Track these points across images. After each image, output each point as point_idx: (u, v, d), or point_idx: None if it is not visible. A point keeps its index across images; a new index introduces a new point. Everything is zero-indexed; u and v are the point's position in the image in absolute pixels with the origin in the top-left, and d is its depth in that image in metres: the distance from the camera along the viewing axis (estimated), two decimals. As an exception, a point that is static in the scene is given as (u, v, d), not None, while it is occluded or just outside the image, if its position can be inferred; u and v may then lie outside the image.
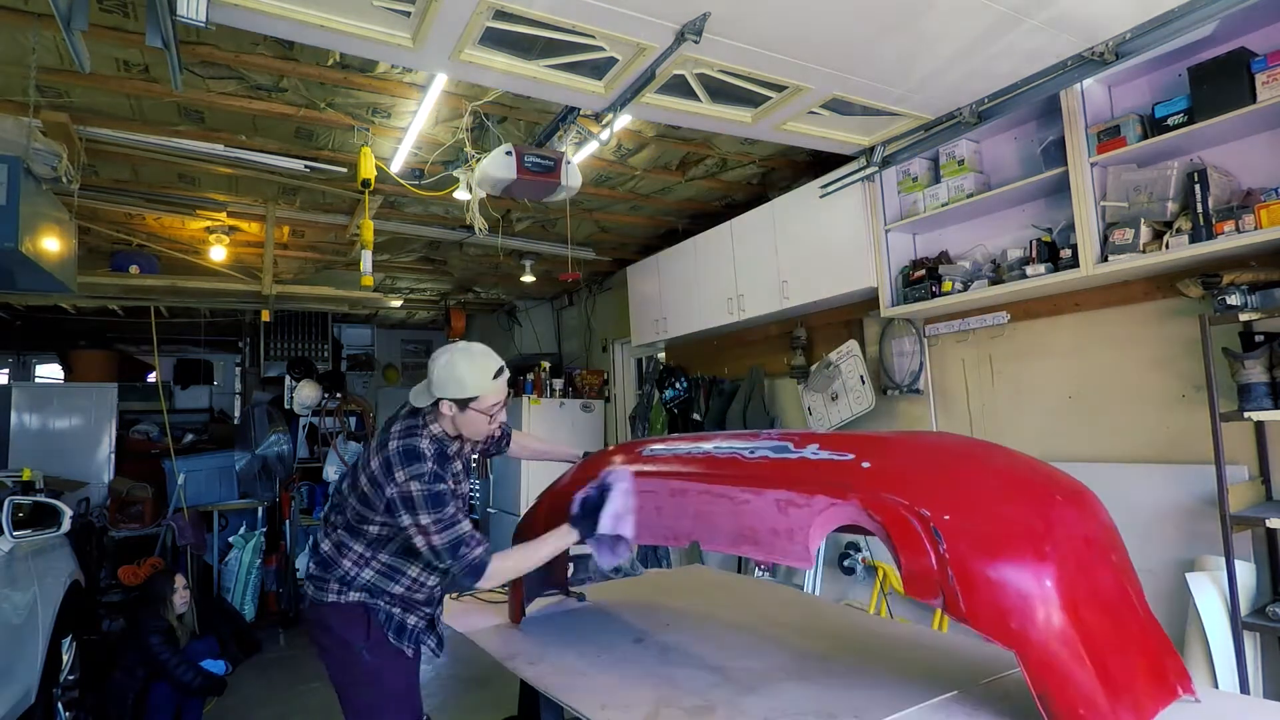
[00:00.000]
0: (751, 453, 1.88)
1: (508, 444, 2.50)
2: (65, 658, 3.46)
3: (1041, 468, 1.71)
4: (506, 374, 2.11)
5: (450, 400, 2.02)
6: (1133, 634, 1.48)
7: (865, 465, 1.64)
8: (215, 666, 3.94)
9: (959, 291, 3.33)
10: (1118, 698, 1.36)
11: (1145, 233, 2.66)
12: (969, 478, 1.62)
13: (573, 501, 2.07)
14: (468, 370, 2.02)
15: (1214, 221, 2.47)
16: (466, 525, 1.98)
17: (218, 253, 5.08)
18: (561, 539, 2.05)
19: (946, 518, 1.45)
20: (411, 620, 2.15)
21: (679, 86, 2.80)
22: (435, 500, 1.94)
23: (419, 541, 1.94)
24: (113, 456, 6.34)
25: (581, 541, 2.05)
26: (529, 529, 2.33)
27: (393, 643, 2.10)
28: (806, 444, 1.80)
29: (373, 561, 2.09)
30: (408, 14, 2.28)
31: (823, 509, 1.59)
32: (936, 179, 3.53)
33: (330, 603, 2.09)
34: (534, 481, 6.11)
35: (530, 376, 7.12)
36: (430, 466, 1.96)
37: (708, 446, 2.04)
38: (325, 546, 2.15)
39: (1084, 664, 1.35)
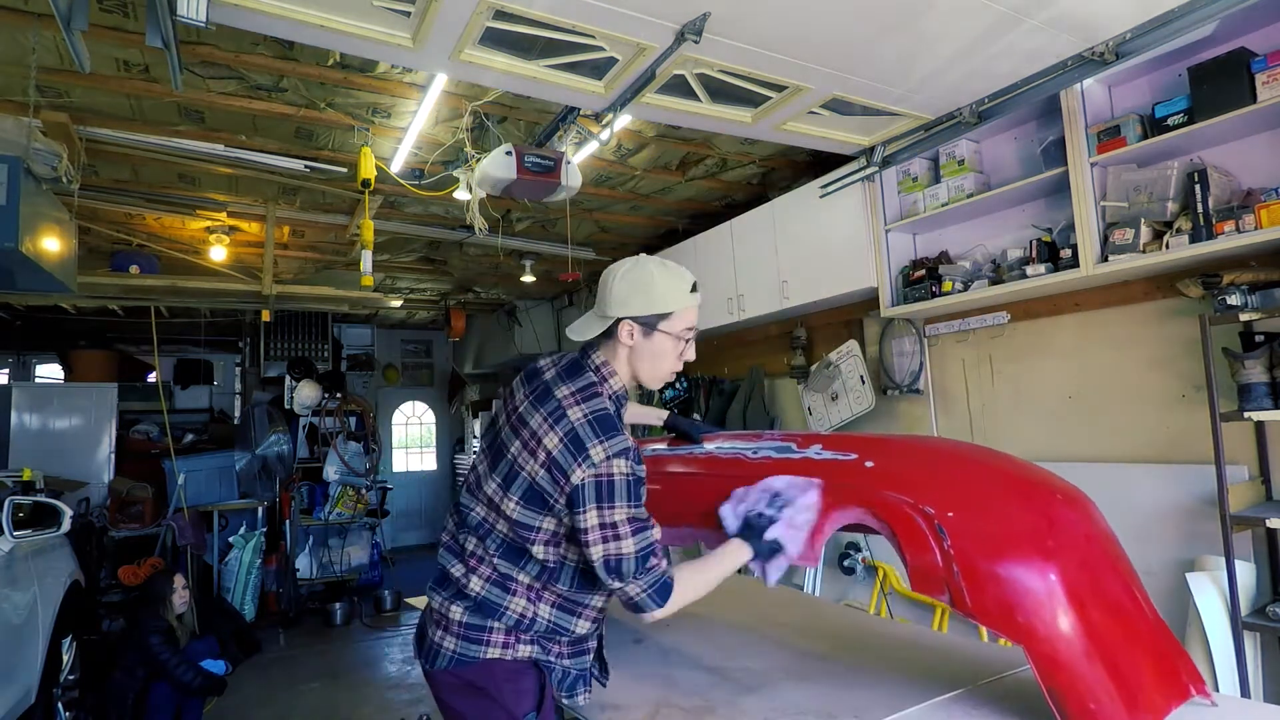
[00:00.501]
0: (755, 453, 1.87)
1: None
2: (65, 658, 3.46)
3: (1041, 472, 1.72)
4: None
5: (633, 320, 1.56)
6: (1141, 632, 1.48)
7: (869, 465, 1.65)
8: (215, 666, 3.94)
9: (959, 291, 3.33)
10: (1128, 693, 1.35)
11: (1145, 233, 2.66)
12: (970, 477, 1.62)
13: (732, 514, 1.67)
14: (661, 276, 1.57)
15: (1214, 221, 2.47)
16: (658, 531, 1.52)
17: (218, 253, 5.08)
18: (735, 558, 1.59)
19: (951, 515, 1.46)
20: (578, 668, 1.66)
21: (679, 86, 2.80)
22: (637, 489, 1.47)
23: (600, 549, 1.43)
24: (113, 456, 6.34)
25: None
26: None
27: (565, 705, 1.66)
28: (810, 444, 1.80)
29: (546, 594, 1.57)
30: (408, 14, 2.28)
31: (828, 508, 1.59)
32: (936, 179, 3.53)
33: (491, 660, 1.53)
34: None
35: (530, 376, 7.12)
36: (632, 441, 1.49)
37: (710, 447, 2.04)
38: (476, 584, 1.56)
39: (1092, 658, 1.35)
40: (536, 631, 1.56)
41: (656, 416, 2.24)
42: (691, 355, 1.66)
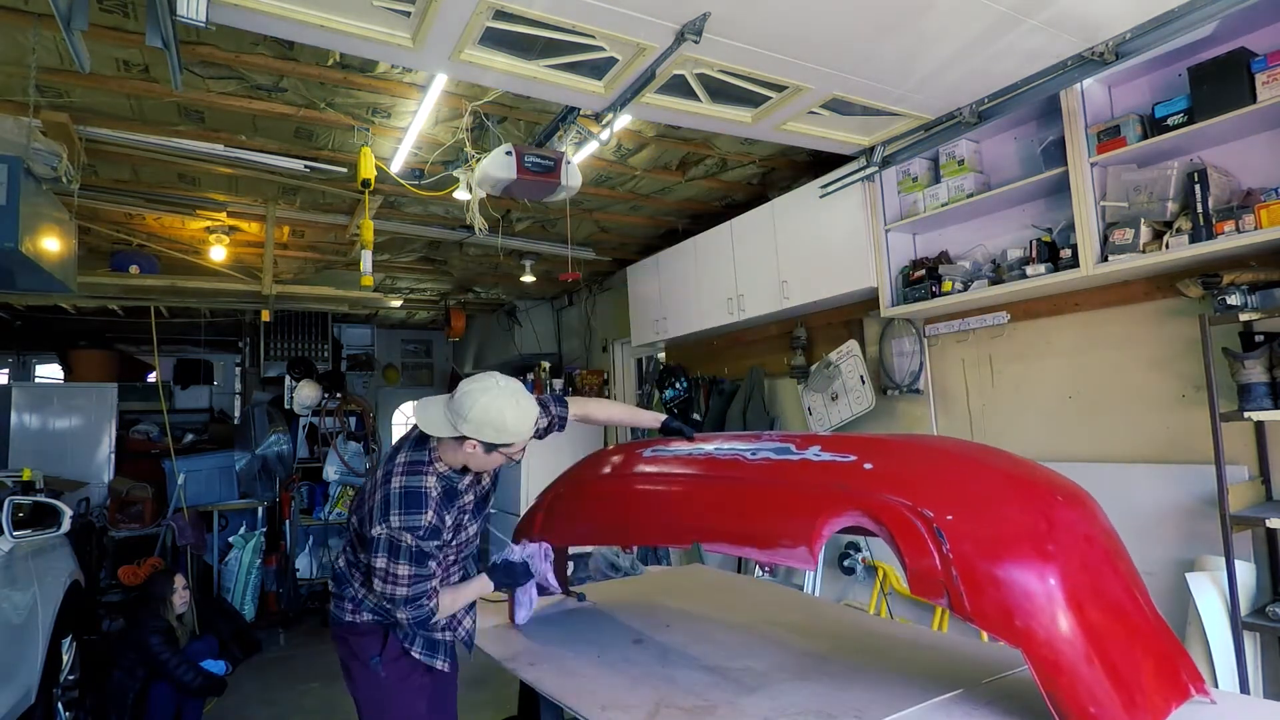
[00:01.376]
0: (753, 454, 1.88)
1: (560, 426, 2.26)
2: (65, 658, 3.46)
3: (1041, 471, 1.71)
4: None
5: (479, 441, 1.89)
6: (1141, 633, 1.48)
7: (868, 467, 1.65)
8: (215, 666, 3.94)
9: (959, 291, 3.33)
10: (1128, 695, 1.36)
11: (1145, 233, 2.66)
12: (970, 479, 1.62)
13: (506, 553, 2.22)
14: (514, 417, 1.89)
15: (1214, 221, 2.47)
16: (435, 579, 1.94)
17: (218, 253, 5.08)
18: (479, 588, 2.11)
19: (949, 518, 1.46)
20: (439, 635, 2.08)
21: (679, 86, 2.80)
22: (419, 558, 1.86)
23: (382, 585, 1.87)
24: (113, 456, 6.34)
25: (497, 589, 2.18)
26: (528, 528, 2.33)
27: (418, 658, 2.04)
28: (809, 446, 1.80)
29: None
30: (408, 14, 2.28)
31: (826, 512, 1.59)
32: (936, 179, 3.53)
33: (347, 622, 2.04)
34: (534, 481, 6.10)
35: (530, 376, 7.13)
36: (429, 519, 1.87)
37: (709, 448, 2.04)
38: (340, 562, 2.10)
39: (1092, 661, 1.35)
40: (369, 608, 2.02)
41: (653, 419, 2.30)
42: (519, 458, 2.03)
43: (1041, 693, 1.36)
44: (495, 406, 1.86)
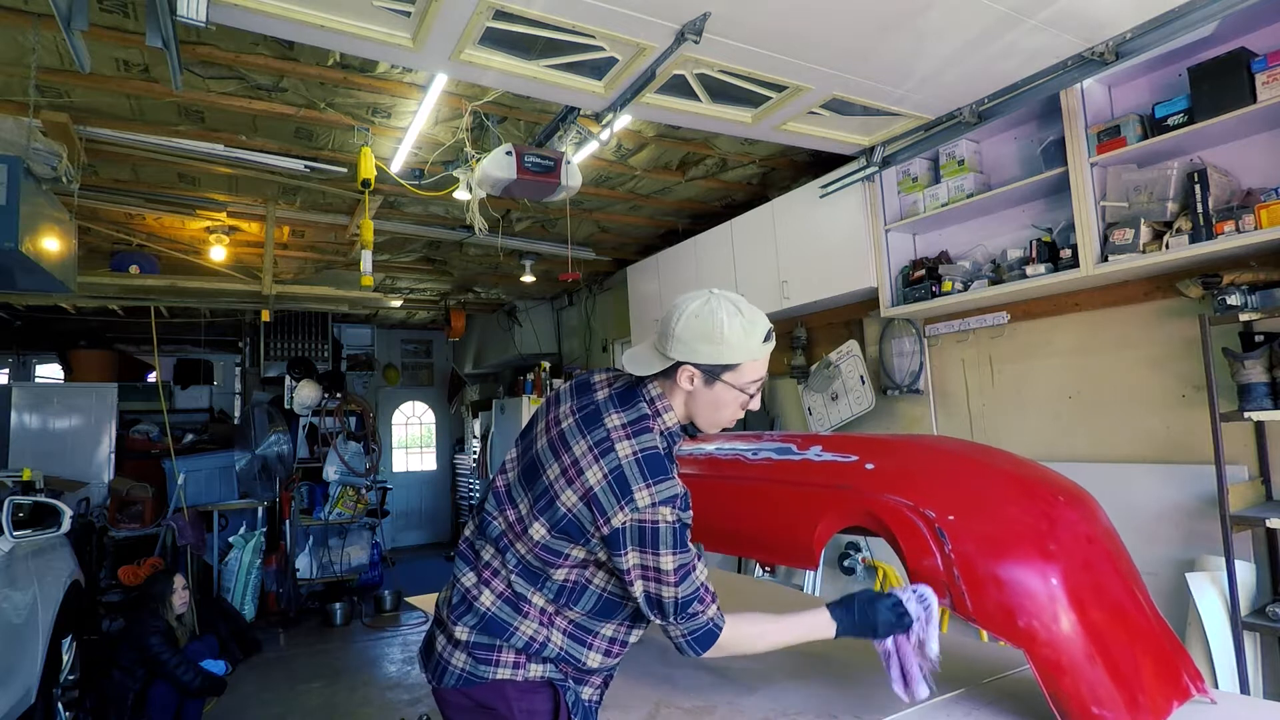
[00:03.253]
0: (755, 454, 1.87)
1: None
2: (65, 658, 3.46)
3: (1042, 470, 1.71)
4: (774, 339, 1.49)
5: (695, 367, 1.42)
6: (1142, 632, 1.48)
7: (869, 467, 1.64)
8: (215, 666, 3.94)
9: (959, 291, 3.33)
10: (1130, 695, 1.35)
11: (1145, 233, 2.66)
12: (972, 479, 1.62)
13: (864, 593, 1.50)
14: (732, 325, 1.40)
15: (1214, 221, 2.47)
16: (704, 571, 1.41)
17: (218, 253, 5.08)
18: (814, 628, 1.46)
19: (951, 518, 1.45)
20: (591, 694, 1.54)
21: (679, 86, 2.80)
22: (683, 537, 1.37)
23: (641, 585, 1.36)
24: (113, 456, 6.34)
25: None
26: None
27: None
28: (810, 446, 1.79)
29: (558, 619, 1.46)
30: (408, 14, 2.28)
31: (827, 513, 1.59)
32: (936, 179, 3.53)
33: (502, 680, 1.44)
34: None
35: (530, 376, 7.13)
36: (681, 486, 1.39)
37: (709, 448, 2.04)
38: (488, 599, 1.46)
39: (1094, 661, 1.35)
40: (548, 656, 1.45)
41: None
42: (756, 405, 1.52)
43: (1044, 693, 1.35)
44: (707, 312, 1.41)
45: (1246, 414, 2.41)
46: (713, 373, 1.43)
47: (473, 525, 1.59)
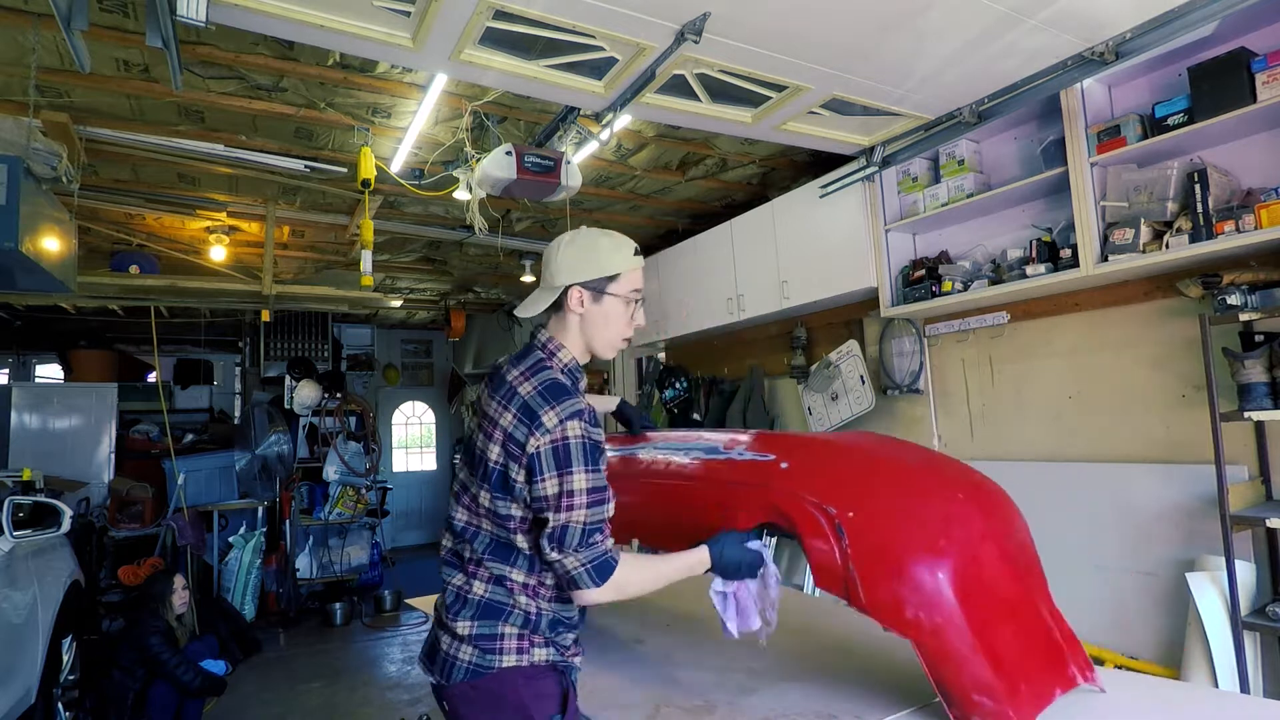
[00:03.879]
0: (687, 454, 1.96)
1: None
2: (65, 658, 3.46)
3: (952, 468, 1.78)
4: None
5: (582, 286, 1.52)
6: (1030, 624, 1.55)
7: (783, 466, 1.72)
8: (215, 666, 3.94)
9: (959, 291, 3.33)
10: (1011, 683, 1.42)
11: (1145, 233, 2.66)
12: (877, 477, 1.69)
13: (726, 534, 1.60)
14: (605, 241, 1.56)
15: (1214, 221, 2.47)
16: (610, 503, 1.46)
17: (218, 253, 5.08)
18: (695, 563, 1.55)
19: (851, 514, 1.52)
20: (579, 665, 1.59)
21: (679, 86, 2.80)
22: (593, 455, 1.42)
23: (555, 522, 1.39)
24: (113, 456, 6.34)
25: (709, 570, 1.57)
26: None
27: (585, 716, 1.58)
28: (734, 445, 1.87)
29: (541, 590, 1.50)
30: (408, 14, 2.28)
31: (740, 509, 1.67)
32: (936, 179, 3.53)
33: (509, 668, 1.45)
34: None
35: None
36: (585, 403, 1.45)
37: (651, 449, 2.11)
38: (478, 588, 1.49)
39: (975, 650, 1.41)
40: (543, 630, 1.49)
41: (610, 403, 2.26)
42: (641, 320, 1.63)
43: (930, 681, 1.42)
44: (580, 237, 1.57)
45: (1246, 414, 2.41)
46: (598, 287, 1.54)
47: (447, 534, 1.64)
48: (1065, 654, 1.56)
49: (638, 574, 1.49)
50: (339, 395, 6.89)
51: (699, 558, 1.55)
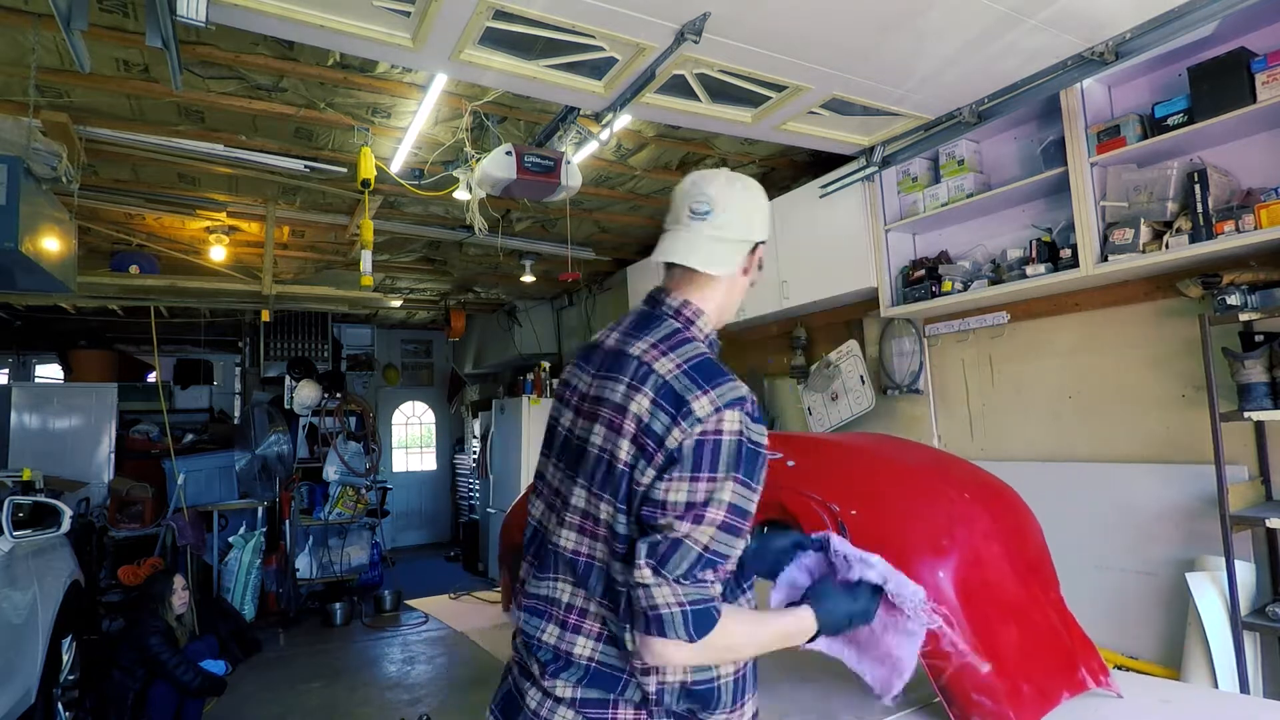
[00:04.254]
0: None
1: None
2: (65, 658, 3.46)
3: (961, 470, 1.80)
4: None
5: (753, 248, 1.24)
6: (1037, 626, 1.54)
7: (790, 464, 1.73)
8: (215, 666, 3.94)
9: (959, 291, 3.33)
10: (1013, 684, 1.42)
11: (1145, 233, 2.66)
12: (882, 476, 1.71)
13: (802, 572, 1.32)
14: (763, 200, 1.26)
15: (1214, 221, 2.47)
16: (742, 543, 1.10)
17: (218, 253, 5.08)
18: (795, 632, 1.21)
19: (854, 513, 1.54)
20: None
21: (679, 86, 2.80)
22: (752, 461, 1.08)
23: (674, 527, 1.02)
24: (113, 456, 6.35)
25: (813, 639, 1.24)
26: (515, 527, 2.30)
27: None
28: None
29: None
30: (408, 14, 2.28)
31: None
32: (936, 179, 3.53)
33: None
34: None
35: (530, 376, 7.12)
36: (746, 388, 1.13)
37: None
38: (583, 647, 1.12)
39: (978, 653, 1.42)
40: (670, 705, 1.10)
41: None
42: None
43: (930, 681, 1.42)
44: (754, 185, 1.25)
45: (1246, 414, 2.41)
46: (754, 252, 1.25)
47: (530, 571, 1.24)
48: (1075, 657, 1.55)
49: (741, 632, 1.10)
50: (339, 395, 6.89)
51: (800, 627, 1.20)
